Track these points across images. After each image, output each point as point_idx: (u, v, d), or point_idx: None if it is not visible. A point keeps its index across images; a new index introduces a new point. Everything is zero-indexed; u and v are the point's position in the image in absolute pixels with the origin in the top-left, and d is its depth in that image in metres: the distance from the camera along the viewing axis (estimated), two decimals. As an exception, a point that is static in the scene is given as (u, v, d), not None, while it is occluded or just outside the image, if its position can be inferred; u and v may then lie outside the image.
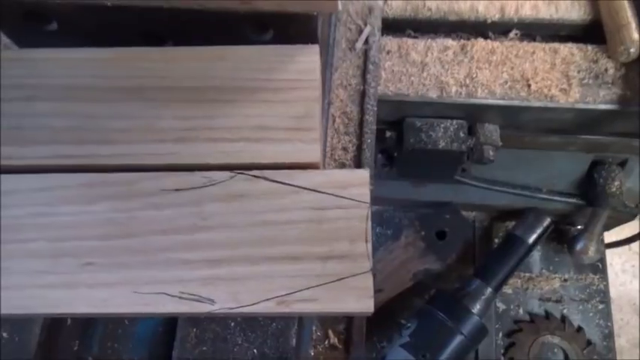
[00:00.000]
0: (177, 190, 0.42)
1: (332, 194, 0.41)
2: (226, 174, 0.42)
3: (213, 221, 0.41)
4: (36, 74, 0.46)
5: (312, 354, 0.55)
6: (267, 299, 0.38)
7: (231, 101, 0.45)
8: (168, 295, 0.39)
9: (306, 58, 0.46)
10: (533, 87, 0.68)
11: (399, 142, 0.76)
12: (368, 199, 0.41)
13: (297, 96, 0.44)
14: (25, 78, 0.46)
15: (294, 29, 0.48)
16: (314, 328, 0.56)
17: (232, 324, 0.47)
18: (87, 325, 0.51)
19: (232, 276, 0.39)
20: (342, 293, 0.38)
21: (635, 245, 1.80)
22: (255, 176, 0.42)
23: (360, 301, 0.38)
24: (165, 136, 0.44)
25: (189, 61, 0.46)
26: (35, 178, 0.43)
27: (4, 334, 0.48)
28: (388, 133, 0.76)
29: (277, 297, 0.38)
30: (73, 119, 0.44)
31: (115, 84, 0.45)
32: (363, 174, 0.42)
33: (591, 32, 0.72)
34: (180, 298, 0.39)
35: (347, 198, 0.41)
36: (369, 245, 0.40)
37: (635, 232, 0.93)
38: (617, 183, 0.79)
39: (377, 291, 0.86)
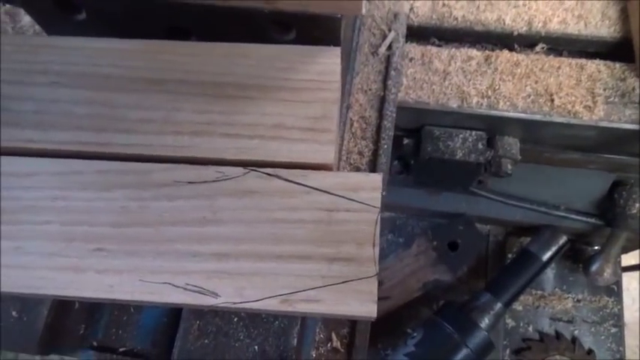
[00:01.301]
0: (190, 182, 0.42)
1: (343, 197, 0.41)
2: (240, 170, 0.43)
3: (224, 216, 0.41)
4: (61, 61, 0.47)
5: (314, 356, 0.55)
6: (271, 297, 0.38)
7: (250, 98, 0.45)
8: (174, 285, 0.39)
9: (328, 60, 0.46)
10: (556, 102, 0.67)
11: (416, 150, 0.75)
12: (379, 203, 0.41)
13: (316, 97, 0.44)
14: (50, 64, 0.47)
15: (317, 31, 0.48)
16: (317, 329, 0.56)
17: (235, 319, 0.48)
18: (94, 310, 0.52)
19: (238, 271, 0.39)
20: (346, 296, 0.38)
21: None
22: (268, 174, 0.42)
23: (363, 305, 0.38)
24: (183, 129, 0.44)
25: (211, 56, 0.47)
26: (54, 163, 0.44)
27: (14, 313, 0.49)
28: (406, 140, 0.76)
29: (281, 295, 0.38)
30: (94, 107, 0.45)
31: (137, 75, 0.46)
32: (376, 178, 0.42)
33: (620, 50, 0.70)
34: (185, 289, 0.39)
35: (358, 201, 0.41)
36: (377, 250, 0.40)
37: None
38: (638, 205, 0.78)
39: (385, 298, 0.86)
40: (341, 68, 0.47)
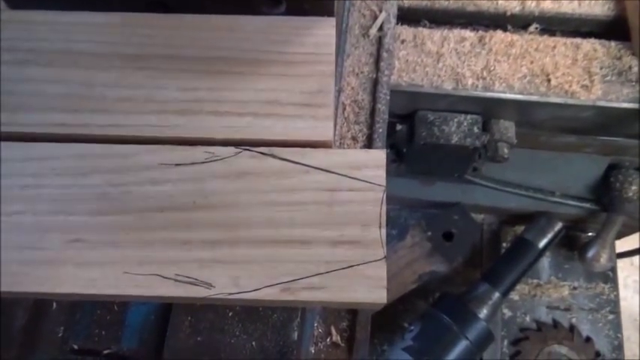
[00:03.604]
0: (177, 164, 0.39)
1: (345, 175, 0.38)
2: (231, 150, 0.39)
3: (215, 200, 0.38)
4: (31, 37, 0.43)
5: (313, 352, 0.51)
6: (271, 285, 0.35)
7: (240, 73, 0.41)
8: (162, 277, 0.35)
9: (322, 31, 0.43)
10: (553, 82, 0.65)
11: (409, 136, 0.73)
12: (383, 181, 0.38)
13: (311, 70, 0.41)
14: (18, 41, 0.43)
15: (309, 3, 0.45)
16: (316, 324, 0.53)
17: (230, 314, 0.44)
18: (73, 310, 0.47)
19: (233, 259, 0.36)
20: (352, 282, 0.35)
21: (637, 260, 1.77)
22: (262, 153, 0.39)
23: (371, 291, 0.35)
24: (168, 108, 0.40)
25: (196, 29, 0.43)
26: (24, 147, 0.40)
27: (-16, 316, 0.45)
28: (399, 127, 0.73)
29: (282, 283, 0.35)
30: (68, 86, 0.41)
31: (115, 50, 0.42)
32: (379, 155, 0.39)
33: (614, 29, 0.69)
34: (175, 280, 0.35)
35: (361, 180, 0.38)
36: (384, 231, 0.37)
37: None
38: (634, 188, 0.76)
39: (380, 291, 0.83)
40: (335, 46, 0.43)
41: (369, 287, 0.35)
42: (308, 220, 0.37)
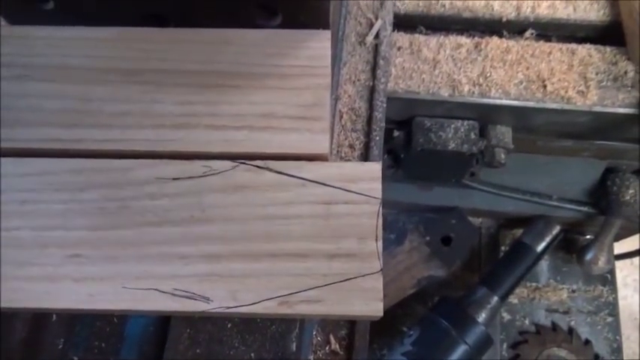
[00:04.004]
0: (174, 179, 0.39)
1: (340, 188, 0.38)
2: (228, 163, 0.39)
3: (213, 213, 0.38)
4: (28, 53, 0.43)
5: (312, 359, 0.52)
6: (269, 299, 0.35)
7: (236, 87, 0.42)
8: (161, 291, 0.36)
9: (317, 44, 0.43)
10: (549, 88, 0.66)
11: (407, 143, 0.73)
12: (379, 194, 0.38)
13: (307, 83, 0.42)
14: (16, 56, 0.43)
15: (304, 15, 0.45)
16: (314, 332, 0.53)
17: (229, 325, 0.44)
18: (73, 322, 0.48)
19: (231, 273, 0.36)
20: (349, 295, 0.35)
21: (636, 259, 1.77)
22: (258, 167, 0.39)
23: (368, 303, 0.35)
24: (164, 122, 0.41)
25: (192, 43, 0.43)
26: (21, 163, 0.40)
27: (-16, 330, 0.45)
28: (396, 133, 0.74)
29: (279, 297, 0.35)
30: (65, 101, 0.41)
31: (112, 65, 0.43)
32: (375, 167, 0.39)
33: (610, 34, 0.69)
34: (173, 294, 0.36)
35: (357, 193, 0.38)
36: (380, 244, 0.37)
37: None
38: (631, 191, 0.77)
39: (379, 297, 0.83)
40: (330, 57, 0.44)
41: (366, 300, 0.35)
42: (305, 233, 0.37)
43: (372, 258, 0.36)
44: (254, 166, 0.39)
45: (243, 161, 0.39)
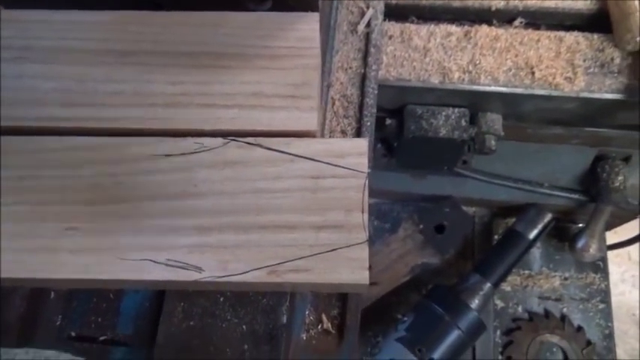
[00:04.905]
0: (167, 155, 0.40)
1: (328, 163, 0.40)
2: (219, 140, 0.41)
3: (204, 188, 0.39)
4: (25, 36, 0.44)
5: (305, 338, 0.53)
6: (258, 268, 0.37)
7: (227, 67, 0.43)
8: (154, 262, 0.37)
9: (306, 26, 0.44)
10: (537, 75, 0.67)
11: (399, 130, 0.74)
12: (366, 168, 0.39)
13: (296, 64, 0.43)
14: (13, 39, 0.44)
15: (293, -1, 0.46)
16: (307, 312, 0.54)
17: (221, 299, 0.45)
18: (70, 298, 0.49)
19: (222, 244, 0.38)
20: (335, 264, 0.37)
21: (634, 254, 1.78)
22: (249, 143, 0.40)
23: (354, 272, 0.37)
24: (157, 101, 0.42)
25: (184, 26, 0.45)
26: (19, 140, 0.41)
27: (-17, 305, 0.46)
28: (388, 121, 0.75)
29: (268, 266, 0.37)
30: (61, 82, 0.43)
31: (106, 47, 0.44)
32: (362, 143, 0.40)
33: (597, 22, 0.70)
34: (166, 265, 0.37)
35: (344, 167, 0.39)
36: (366, 216, 0.38)
37: (635, 233, 0.91)
38: (620, 178, 0.78)
39: (373, 284, 0.84)
40: (320, 42, 0.45)
41: (352, 269, 0.37)
42: (293, 206, 0.39)
43: (359, 229, 0.38)
44: (245, 142, 0.41)
45: (234, 138, 0.41)
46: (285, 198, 0.39)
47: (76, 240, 0.38)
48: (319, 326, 0.54)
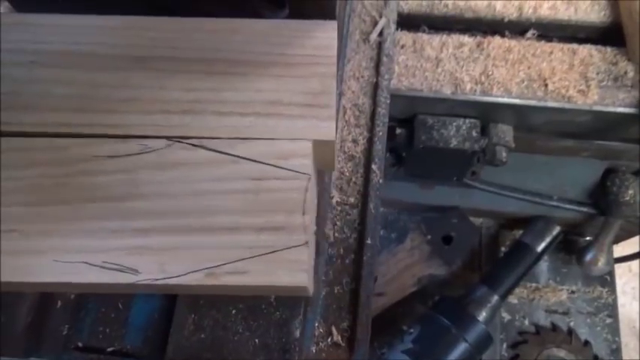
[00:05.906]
0: (110, 156, 0.39)
1: (272, 165, 0.39)
2: (163, 142, 0.40)
3: (147, 190, 0.38)
4: (38, 40, 0.44)
5: (314, 351, 0.52)
6: (196, 271, 0.36)
7: (243, 75, 0.42)
8: (90, 264, 0.36)
9: (324, 34, 0.43)
10: (550, 87, 0.66)
11: (409, 140, 0.73)
12: (309, 170, 0.39)
13: (313, 72, 0.42)
14: (26, 43, 0.43)
15: (310, 7, 0.46)
16: (316, 324, 0.53)
17: (234, 311, 0.44)
18: (78, 308, 0.48)
19: (161, 246, 0.37)
20: (274, 266, 0.36)
21: (635, 267, 1.77)
22: (193, 145, 0.40)
23: (293, 274, 0.36)
24: (171, 108, 0.41)
25: (199, 32, 0.44)
26: None
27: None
28: (398, 130, 0.74)
29: (206, 269, 0.36)
30: (74, 87, 0.42)
31: (120, 52, 0.43)
32: (305, 144, 0.40)
33: (610, 35, 0.70)
34: (101, 267, 0.36)
35: (287, 169, 0.39)
36: (307, 217, 0.37)
37: (636, 245, 0.90)
38: (631, 192, 0.77)
39: (379, 294, 0.83)
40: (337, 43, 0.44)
41: (290, 271, 0.36)
42: (235, 207, 0.38)
43: (299, 231, 0.37)
44: (189, 144, 0.40)
45: (178, 139, 0.40)
46: (228, 200, 0.38)
47: (15, 242, 0.37)
48: (329, 339, 0.53)
